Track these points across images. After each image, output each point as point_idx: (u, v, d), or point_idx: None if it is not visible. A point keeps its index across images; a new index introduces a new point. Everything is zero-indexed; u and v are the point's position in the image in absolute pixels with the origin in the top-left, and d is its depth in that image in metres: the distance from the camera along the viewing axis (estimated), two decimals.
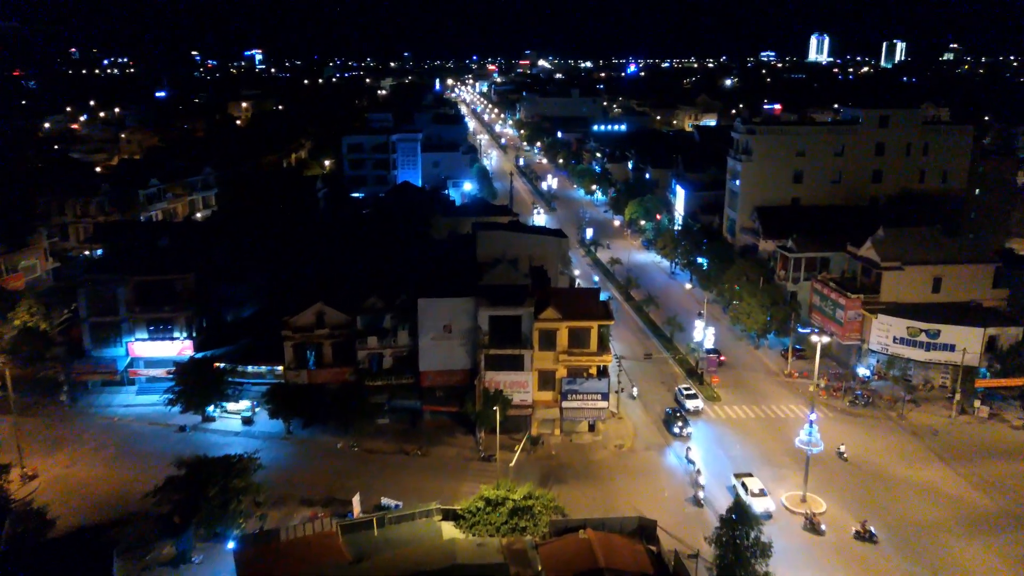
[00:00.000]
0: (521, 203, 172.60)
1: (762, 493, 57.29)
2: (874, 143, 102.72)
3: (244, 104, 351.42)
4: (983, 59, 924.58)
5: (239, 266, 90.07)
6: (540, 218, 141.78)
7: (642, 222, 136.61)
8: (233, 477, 53.34)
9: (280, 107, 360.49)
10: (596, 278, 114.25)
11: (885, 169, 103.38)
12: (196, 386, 70.13)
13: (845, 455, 65.64)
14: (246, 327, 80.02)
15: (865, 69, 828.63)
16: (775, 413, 74.07)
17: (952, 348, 75.32)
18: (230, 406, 72.36)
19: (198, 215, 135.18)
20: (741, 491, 57.54)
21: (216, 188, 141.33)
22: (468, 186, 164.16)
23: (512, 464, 62.89)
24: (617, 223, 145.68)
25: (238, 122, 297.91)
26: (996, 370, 74.66)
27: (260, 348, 73.54)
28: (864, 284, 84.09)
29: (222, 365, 72.10)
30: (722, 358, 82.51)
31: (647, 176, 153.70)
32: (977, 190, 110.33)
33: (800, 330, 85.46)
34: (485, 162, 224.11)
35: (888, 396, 75.99)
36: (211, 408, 71.76)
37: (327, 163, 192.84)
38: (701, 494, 58.96)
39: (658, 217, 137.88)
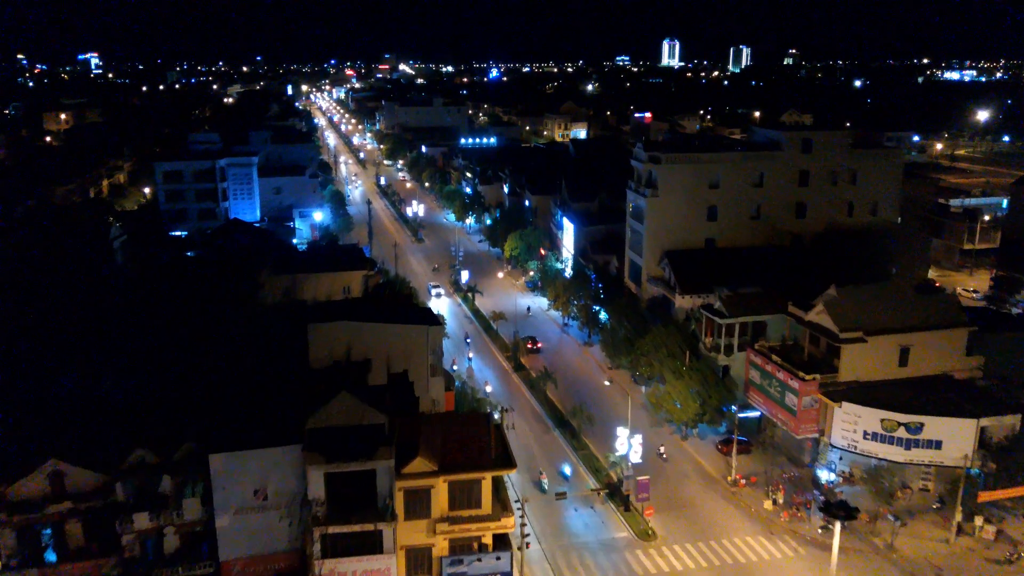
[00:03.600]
0: (383, 234, 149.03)
1: None
2: (797, 171, 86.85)
3: (63, 115, 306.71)
4: (817, 63, 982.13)
5: None
6: (441, 303, 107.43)
7: (531, 271, 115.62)
8: None
9: (105, 119, 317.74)
10: (452, 337, 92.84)
11: (810, 202, 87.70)
12: None
13: (664, 456, 64.45)
14: None
15: (715, 73, 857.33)
16: (732, 555, 54.88)
17: (938, 445, 58.88)
18: None
19: None
20: None
21: None
22: (318, 216, 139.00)
23: None
24: (502, 270, 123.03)
25: (48, 139, 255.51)
26: (990, 471, 58.97)
27: None
28: (814, 356, 67.07)
29: None
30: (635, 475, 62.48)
31: (526, 203, 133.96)
32: (899, 218, 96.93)
33: (741, 415, 67.24)
34: (342, 182, 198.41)
35: (865, 513, 58.57)
36: None
37: (148, 191, 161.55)
38: None
39: (542, 253, 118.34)
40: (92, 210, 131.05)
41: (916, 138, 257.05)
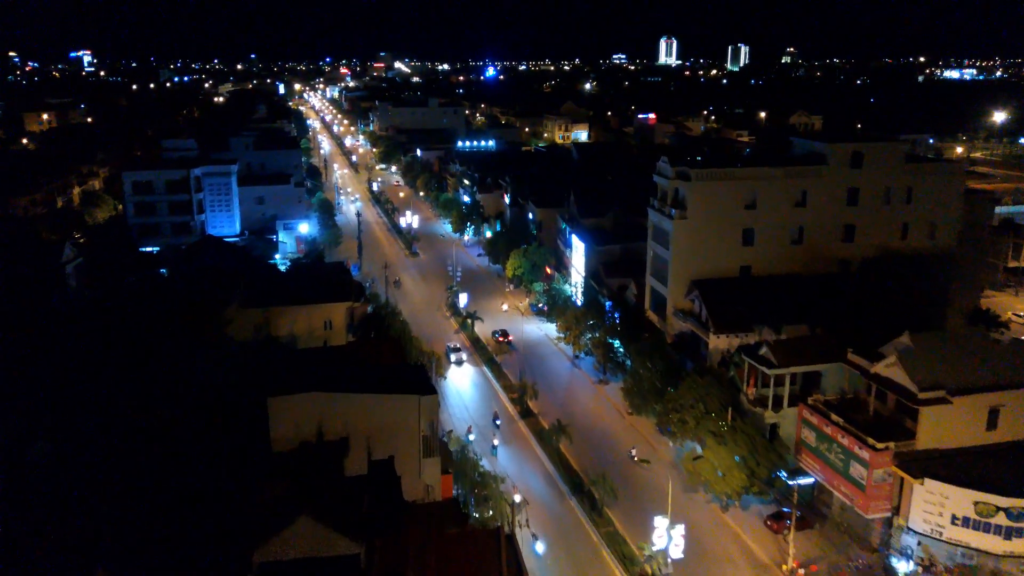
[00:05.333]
0: (375, 247, 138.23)
1: None
2: (845, 189, 75.96)
3: (45, 116, 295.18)
4: (815, 62, 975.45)
5: None
6: (463, 374, 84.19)
7: (539, 302, 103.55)
8: None
9: (90, 119, 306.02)
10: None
11: (859, 223, 76.82)
12: None
13: (635, 457, 63.19)
14: None
15: (714, 72, 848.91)
16: None
17: None
18: None
19: None
20: None
21: None
22: (304, 228, 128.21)
23: None
24: (504, 298, 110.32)
25: (25, 140, 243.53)
26: None
27: None
28: (880, 414, 56.32)
29: None
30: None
31: (530, 215, 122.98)
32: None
33: (794, 483, 56.29)
34: (333, 189, 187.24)
35: None
36: None
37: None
38: None
39: (548, 272, 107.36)
40: (54, 224, 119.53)
41: (931, 140, 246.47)
